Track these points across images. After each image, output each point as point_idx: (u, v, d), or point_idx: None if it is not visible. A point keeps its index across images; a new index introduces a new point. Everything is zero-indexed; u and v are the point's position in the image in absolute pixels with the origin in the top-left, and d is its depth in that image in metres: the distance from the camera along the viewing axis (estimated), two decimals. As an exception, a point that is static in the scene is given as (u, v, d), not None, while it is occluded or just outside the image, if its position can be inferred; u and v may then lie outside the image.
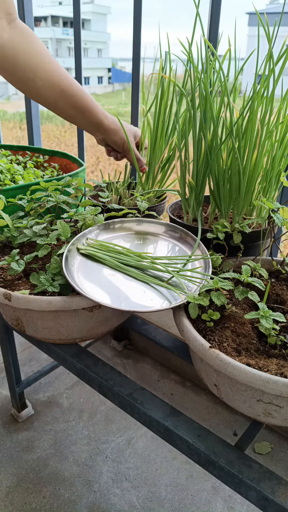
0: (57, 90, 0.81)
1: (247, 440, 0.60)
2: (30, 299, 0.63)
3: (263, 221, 0.76)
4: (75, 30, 1.34)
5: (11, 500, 1.00)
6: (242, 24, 24.34)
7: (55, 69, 0.80)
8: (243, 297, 0.60)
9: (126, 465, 1.09)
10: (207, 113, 0.77)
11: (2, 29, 0.74)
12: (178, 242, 0.79)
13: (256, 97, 0.71)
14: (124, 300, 0.62)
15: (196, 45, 0.78)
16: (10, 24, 0.75)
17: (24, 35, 0.77)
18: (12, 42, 0.75)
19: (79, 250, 0.73)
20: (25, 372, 1.39)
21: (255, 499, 0.52)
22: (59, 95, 0.82)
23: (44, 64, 0.79)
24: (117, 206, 0.84)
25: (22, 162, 1.24)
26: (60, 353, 0.75)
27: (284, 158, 0.78)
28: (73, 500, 1.00)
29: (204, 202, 0.97)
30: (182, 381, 1.35)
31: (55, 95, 0.82)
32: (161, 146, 0.95)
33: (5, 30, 0.74)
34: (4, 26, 0.74)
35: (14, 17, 0.76)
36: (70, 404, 1.27)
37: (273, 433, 1.16)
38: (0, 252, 0.80)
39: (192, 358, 0.67)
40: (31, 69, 0.78)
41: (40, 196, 0.82)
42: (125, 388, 0.67)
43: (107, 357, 1.45)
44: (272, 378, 0.48)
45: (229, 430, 1.17)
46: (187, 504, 0.99)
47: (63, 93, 0.82)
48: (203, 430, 0.59)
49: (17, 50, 0.76)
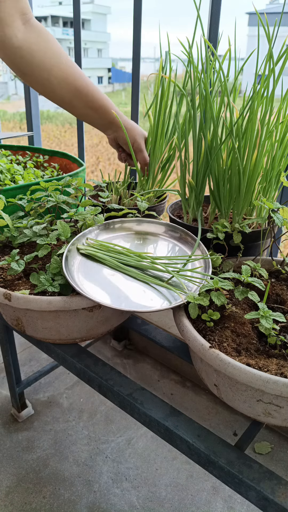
0: (72, 89, 0.82)
1: (247, 440, 0.60)
2: (30, 299, 0.63)
3: (263, 221, 0.76)
4: (75, 30, 1.34)
5: (11, 500, 1.00)
6: (242, 24, 24.34)
7: (70, 68, 0.81)
8: (243, 297, 0.60)
9: (126, 465, 1.09)
10: (207, 113, 0.77)
11: (18, 29, 0.74)
12: (178, 242, 0.79)
13: (256, 97, 0.71)
14: (124, 300, 0.62)
15: (196, 45, 0.78)
16: (25, 25, 0.76)
17: (40, 35, 0.77)
18: (28, 42, 0.76)
19: (79, 250, 0.73)
20: (25, 372, 1.39)
21: (255, 499, 0.52)
22: (74, 94, 0.83)
23: (59, 63, 0.79)
24: (117, 206, 0.84)
25: (22, 162, 1.24)
26: (60, 353, 0.75)
27: (284, 158, 0.78)
28: (73, 500, 1.00)
29: (204, 202, 0.97)
30: (182, 381, 1.35)
31: (70, 95, 0.83)
32: (161, 146, 0.95)
33: (20, 31, 0.75)
34: (19, 27, 0.75)
35: (29, 17, 0.76)
36: (70, 404, 1.27)
37: (273, 433, 1.16)
38: (0, 252, 0.80)
39: (192, 358, 0.67)
40: (46, 69, 0.78)
41: (40, 196, 0.82)
42: (125, 388, 0.67)
43: (107, 357, 1.45)
44: (272, 378, 0.48)
45: (229, 430, 1.17)
46: (187, 504, 0.99)
47: (77, 92, 0.83)
48: (203, 430, 0.59)
49: (32, 51, 0.76)
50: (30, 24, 0.76)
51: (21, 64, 0.77)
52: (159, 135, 0.94)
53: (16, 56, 0.76)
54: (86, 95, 0.84)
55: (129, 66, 24.73)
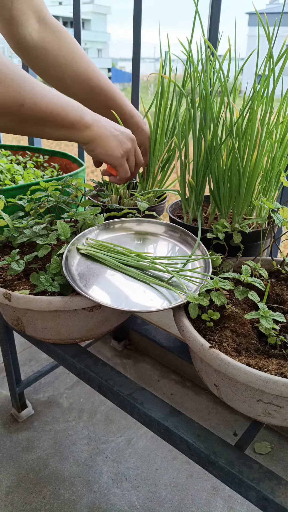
0: (86, 88, 0.82)
1: (247, 440, 0.60)
2: (30, 299, 0.63)
3: (263, 221, 0.76)
4: (75, 30, 1.34)
5: (11, 500, 1.00)
6: (242, 24, 24.33)
7: (85, 67, 0.81)
8: (243, 297, 0.60)
9: (126, 465, 1.09)
10: (207, 113, 0.77)
11: (32, 28, 0.74)
12: (178, 242, 0.79)
13: (256, 97, 0.71)
14: (124, 300, 0.62)
15: (196, 45, 0.78)
16: (40, 23, 0.75)
17: (55, 33, 0.77)
18: (43, 42, 0.75)
19: (79, 250, 0.73)
20: (25, 372, 1.39)
21: (255, 499, 0.52)
22: (87, 93, 0.83)
23: (73, 62, 0.79)
24: (117, 206, 0.84)
25: (22, 162, 1.24)
26: (60, 353, 0.75)
27: (284, 158, 0.78)
28: (73, 500, 1.00)
29: (204, 202, 0.97)
30: (182, 381, 1.35)
31: (84, 93, 0.83)
32: (161, 146, 0.95)
33: (35, 30, 0.75)
34: (34, 26, 0.74)
35: (44, 14, 0.76)
36: (70, 404, 1.27)
37: (273, 433, 1.16)
38: (0, 252, 0.80)
39: (192, 358, 0.67)
40: (60, 67, 0.78)
41: (40, 196, 0.82)
42: (125, 388, 0.67)
43: (107, 357, 1.45)
44: (272, 378, 0.48)
45: (229, 430, 1.17)
46: (187, 504, 0.99)
47: (91, 91, 0.83)
48: (203, 430, 0.59)
49: (47, 50, 0.76)
50: (45, 22, 0.76)
51: (36, 63, 0.78)
52: (159, 135, 0.94)
53: (31, 55, 0.76)
54: (100, 94, 0.83)
55: (129, 66, 24.72)
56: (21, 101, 0.57)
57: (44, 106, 0.60)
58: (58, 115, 0.63)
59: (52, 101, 0.62)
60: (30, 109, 0.59)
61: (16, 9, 0.71)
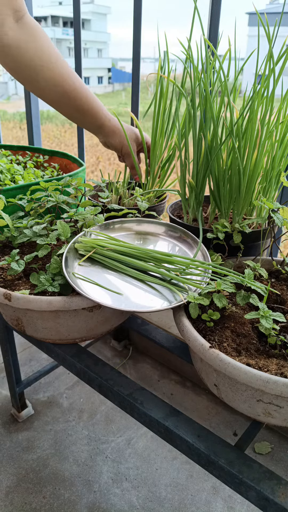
0: (60, 91, 0.80)
1: (247, 440, 0.60)
2: (30, 299, 0.63)
3: (263, 221, 0.76)
4: (75, 30, 1.34)
5: (11, 500, 1.00)
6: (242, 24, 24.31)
7: (60, 70, 0.79)
8: (245, 302, 0.60)
9: (126, 465, 1.09)
10: (207, 113, 0.77)
11: (9, 27, 0.72)
12: (178, 242, 0.79)
13: (256, 97, 0.71)
14: (124, 300, 0.62)
15: (196, 45, 0.78)
16: (17, 22, 0.74)
17: (32, 33, 0.75)
18: (18, 41, 0.74)
19: (78, 250, 0.73)
20: (25, 372, 1.39)
21: (255, 499, 0.52)
22: (62, 96, 0.81)
23: (49, 64, 0.77)
24: (117, 206, 0.84)
25: (22, 162, 1.24)
26: (60, 353, 0.75)
27: (284, 158, 0.78)
28: (73, 500, 1.00)
29: (204, 202, 0.97)
30: (182, 381, 1.35)
31: (58, 96, 0.81)
32: (161, 146, 0.95)
33: (11, 29, 0.73)
34: (11, 25, 0.73)
35: (22, 14, 0.74)
36: (70, 404, 1.27)
37: (273, 433, 1.16)
38: (0, 252, 0.80)
39: (192, 358, 0.67)
40: (35, 69, 0.77)
41: (40, 196, 0.82)
42: (125, 388, 0.67)
43: (107, 357, 1.45)
44: (272, 378, 0.48)
45: (229, 430, 1.17)
46: (187, 504, 0.99)
47: (66, 94, 0.81)
48: (203, 430, 0.59)
49: (21, 50, 0.75)
50: (23, 21, 0.74)
51: (11, 62, 0.76)
52: (159, 135, 0.94)
53: (5, 54, 0.74)
54: (74, 98, 0.82)
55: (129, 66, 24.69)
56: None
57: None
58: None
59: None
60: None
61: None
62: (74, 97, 0.82)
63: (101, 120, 0.87)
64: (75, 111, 0.84)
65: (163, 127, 0.94)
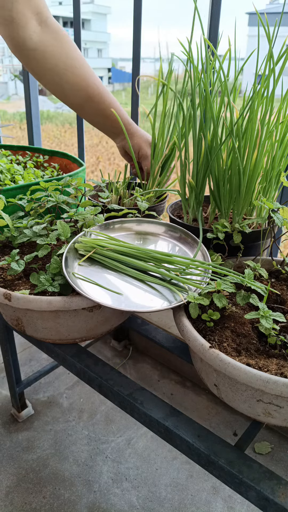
0: (83, 96, 0.80)
1: (247, 440, 0.60)
2: (30, 299, 0.63)
3: (263, 221, 0.76)
4: (75, 30, 1.34)
5: (11, 500, 1.00)
6: (242, 24, 24.30)
7: (84, 74, 0.79)
8: (245, 302, 0.60)
9: (126, 465, 1.09)
10: (207, 113, 0.77)
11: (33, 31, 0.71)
12: (178, 242, 0.79)
13: (256, 97, 0.71)
14: (124, 300, 0.62)
15: (196, 45, 0.78)
16: (41, 25, 0.73)
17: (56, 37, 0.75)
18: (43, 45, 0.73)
19: (78, 250, 0.73)
20: (25, 372, 1.39)
21: (255, 499, 0.52)
22: (85, 101, 0.81)
23: (73, 68, 0.77)
24: (117, 206, 0.84)
25: (22, 162, 1.24)
26: (60, 353, 0.75)
27: (284, 158, 0.78)
28: (73, 500, 1.00)
29: (204, 202, 0.97)
30: (182, 381, 1.35)
31: (81, 100, 0.81)
32: (161, 146, 0.95)
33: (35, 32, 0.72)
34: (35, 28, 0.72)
35: (45, 16, 0.73)
36: (70, 404, 1.27)
37: (273, 433, 1.16)
38: (0, 252, 0.80)
39: (192, 358, 0.67)
40: (59, 73, 0.76)
41: (40, 196, 0.82)
42: (125, 388, 0.67)
43: (107, 357, 1.45)
44: (272, 378, 0.48)
45: (229, 430, 1.17)
46: (187, 504, 0.99)
47: (89, 99, 0.81)
48: (203, 430, 0.59)
49: (46, 54, 0.74)
50: (46, 24, 0.73)
51: (35, 66, 0.76)
52: (159, 135, 0.94)
53: (30, 58, 0.74)
54: (98, 102, 0.82)
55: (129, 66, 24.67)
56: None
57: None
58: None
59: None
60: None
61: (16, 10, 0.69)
62: (98, 102, 0.82)
63: (124, 123, 0.88)
64: (98, 115, 0.85)
65: (163, 127, 0.94)
